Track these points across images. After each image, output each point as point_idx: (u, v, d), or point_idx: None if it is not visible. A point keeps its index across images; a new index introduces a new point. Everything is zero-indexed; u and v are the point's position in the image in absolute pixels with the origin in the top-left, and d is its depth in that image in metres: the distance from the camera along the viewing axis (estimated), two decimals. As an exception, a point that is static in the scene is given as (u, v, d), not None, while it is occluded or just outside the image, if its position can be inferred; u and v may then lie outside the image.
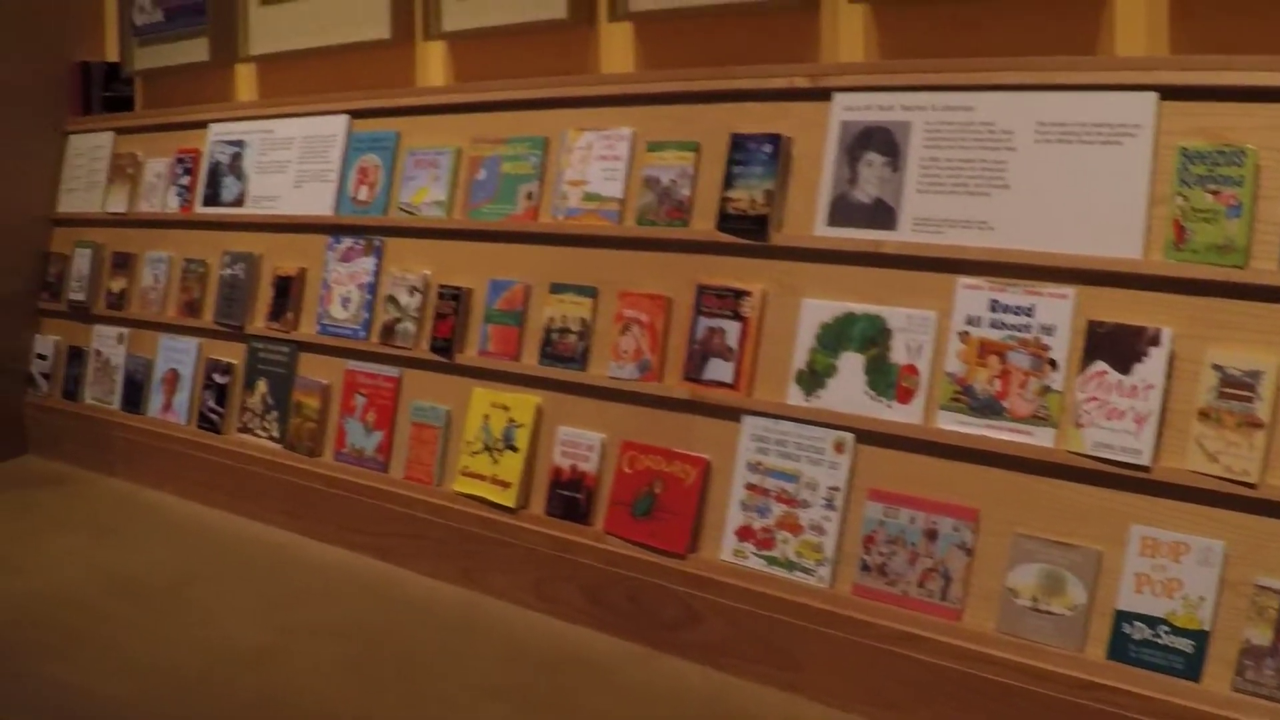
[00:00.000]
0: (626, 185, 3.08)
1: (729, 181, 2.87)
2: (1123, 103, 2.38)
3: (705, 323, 2.87)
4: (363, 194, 3.71)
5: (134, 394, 4.39)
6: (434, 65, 3.83)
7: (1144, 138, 2.35)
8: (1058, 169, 2.44)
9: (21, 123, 4.76)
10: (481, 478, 3.26)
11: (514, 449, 3.20)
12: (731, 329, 2.83)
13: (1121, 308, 2.33)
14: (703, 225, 2.92)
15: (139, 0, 4.65)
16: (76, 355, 4.67)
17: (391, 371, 3.54)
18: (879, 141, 2.68)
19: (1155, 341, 2.26)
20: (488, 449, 3.26)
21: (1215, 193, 2.24)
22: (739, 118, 2.91)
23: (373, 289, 3.61)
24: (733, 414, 2.83)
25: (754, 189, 2.82)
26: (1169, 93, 2.34)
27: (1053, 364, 2.39)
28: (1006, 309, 2.45)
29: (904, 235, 2.62)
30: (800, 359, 2.73)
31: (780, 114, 2.85)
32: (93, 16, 5.01)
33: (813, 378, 2.71)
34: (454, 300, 3.36)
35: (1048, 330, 2.40)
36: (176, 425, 4.21)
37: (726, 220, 2.86)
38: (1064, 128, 2.45)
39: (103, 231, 4.66)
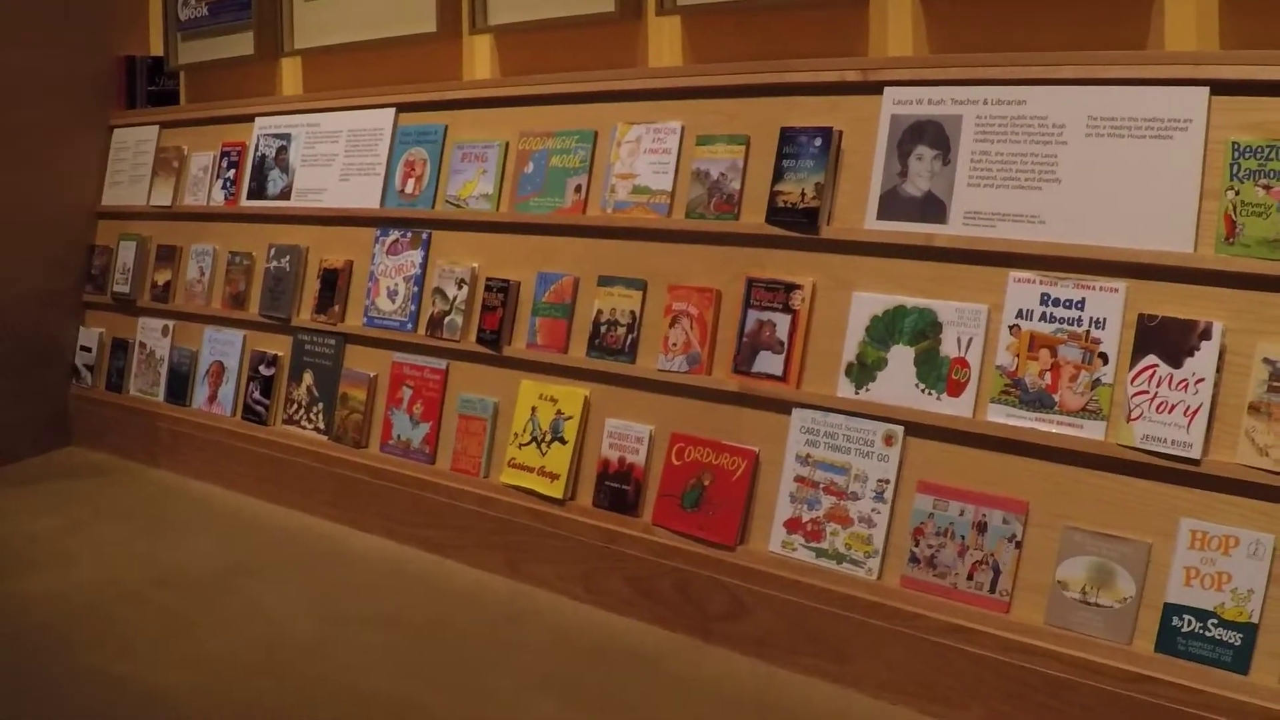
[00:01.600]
0: (676, 178, 3.09)
1: (779, 175, 2.87)
2: (1174, 97, 2.39)
3: (755, 315, 2.88)
4: (410, 187, 3.72)
5: (178, 386, 4.41)
6: (481, 59, 3.84)
7: (1195, 132, 2.35)
8: (1109, 163, 2.45)
9: (67, 116, 4.78)
10: (529, 469, 3.27)
11: (562, 441, 3.21)
12: (781, 322, 2.83)
13: (1172, 302, 2.33)
14: (752, 218, 2.92)
15: (183, -6, 4.70)
16: (121, 347, 4.69)
17: (439, 364, 3.56)
18: (930, 135, 2.68)
19: (1206, 335, 2.27)
20: (535, 441, 3.27)
21: (1267, 187, 2.24)
22: (789, 111, 2.91)
23: (420, 282, 3.63)
24: (782, 406, 2.83)
25: (804, 182, 2.82)
26: (1220, 88, 2.34)
27: (1103, 357, 2.39)
28: (1057, 303, 2.46)
29: (955, 229, 2.62)
30: (850, 352, 2.74)
31: (830, 107, 2.85)
32: (137, 11, 5.04)
33: (863, 370, 2.71)
34: (502, 293, 3.37)
35: (1098, 324, 2.41)
36: (222, 417, 4.24)
37: (776, 213, 2.86)
38: (1115, 122, 2.45)
39: (147, 224, 4.68)
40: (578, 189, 3.28)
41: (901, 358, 2.66)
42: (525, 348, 3.34)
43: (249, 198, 4.28)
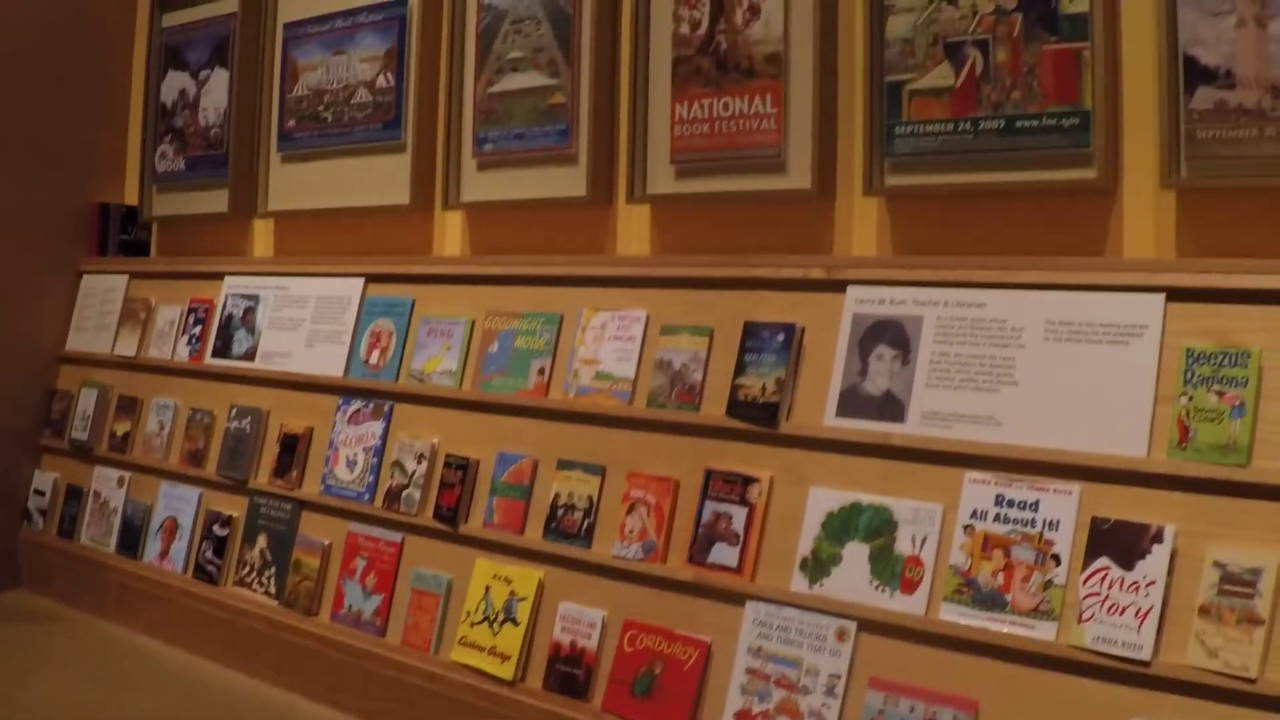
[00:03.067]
0: (639, 366, 3.12)
1: (741, 368, 2.90)
2: (1131, 303, 2.45)
3: (712, 507, 2.88)
4: (374, 358, 3.74)
5: (131, 538, 4.36)
6: (452, 234, 3.89)
7: (1151, 338, 2.40)
8: (1066, 367, 2.49)
9: (38, 257, 4.82)
10: (480, 649, 3.23)
11: (514, 622, 3.18)
12: (738, 514, 2.84)
13: (1125, 504, 2.36)
14: (713, 410, 2.94)
15: (162, 147, 4.75)
16: (75, 494, 4.64)
17: (394, 536, 3.53)
18: (891, 335, 2.72)
19: (1158, 539, 2.28)
20: (488, 620, 3.24)
21: (1220, 393, 2.28)
22: (753, 305, 2.96)
23: (379, 453, 3.62)
24: (736, 598, 2.82)
25: (765, 376, 2.85)
26: (1175, 294, 2.40)
27: (1056, 559, 2.40)
28: (1012, 504, 2.47)
29: (912, 428, 2.65)
30: (805, 546, 2.74)
31: (794, 303, 2.90)
32: (115, 159, 5.10)
33: (817, 565, 2.71)
34: (461, 470, 3.36)
35: (1052, 525, 2.42)
36: (172, 573, 4.18)
37: (737, 407, 2.89)
38: (1073, 327, 2.50)
39: (110, 373, 4.68)
40: (541, 371, 3.30)
41: (856, 554, 2.66)
42: (482, 526, 3.32)
43: (214, 356, 4.29)
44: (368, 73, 4.03)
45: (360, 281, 3.89)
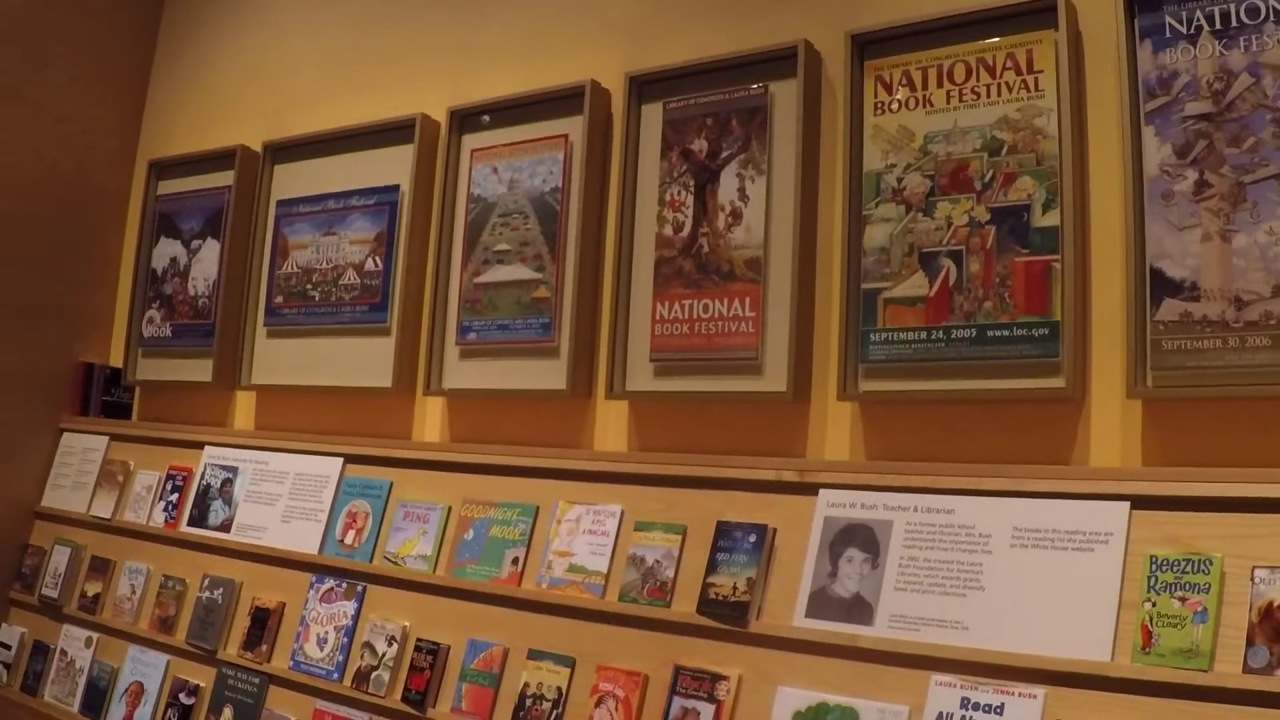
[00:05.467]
0: (611, 561, 3.14)
1: (712, 566, 2.93)
2: (1096, 511, 2.50)
3: (680, 702, 2.88)
4: (349, 538, 3.75)
5: (95, 699, 4.31)
6: (431, 419, 3.92)
7: (1115, 545, 2.44)
8: (1032, 573, 2.52)
9: (18, 412, 4.84)
10: (442, 836, 3.21)
11: (479, 811, 3.17)
12: (706, 711, 2.83)
13: (1090, 708, 2.37)
14: (684, 607, 2.96)
15: (149, 312, 4.81)
16: (41, 650, 4.59)
17: (361, 717, 3.50)
18: (861, 539, 2.76)
19: (1122, 745, 2.30)
20: (452, 808, 3.22)
21: (1182, 599, 2.31)
22: (726, 505, 3.00)
23: (350, 633, 3.61)
24: (702, 797, 2.82)
25: (736, 576, 2.89)
26: (1140, 502, 2.45)
27: (1020, 763, 2.42)
28: (977, 706, 2.48)
29: (880, 631, 2.67)
30: (772, 746, 2.75)
31: (766, 504, 2.94)
32: (103, 321, 5.16)
33: (784, 765, 2.72)
34: (431, 655, 3.36)
35: (1017, 729, 2.44)
36: (136, 741, 4.14)
37: (707, 604, 2.91)
38: (1039, 533, 2.55)
39: (84, 533, 4.66)
40: (515, 561, 3.32)
41: (823, 755, 2.68)
42: (449, 711, 3.30)
43: (189, 524, 4.29)
44: (357, 255, 4.12)
45: (339, 461, 3.93)
